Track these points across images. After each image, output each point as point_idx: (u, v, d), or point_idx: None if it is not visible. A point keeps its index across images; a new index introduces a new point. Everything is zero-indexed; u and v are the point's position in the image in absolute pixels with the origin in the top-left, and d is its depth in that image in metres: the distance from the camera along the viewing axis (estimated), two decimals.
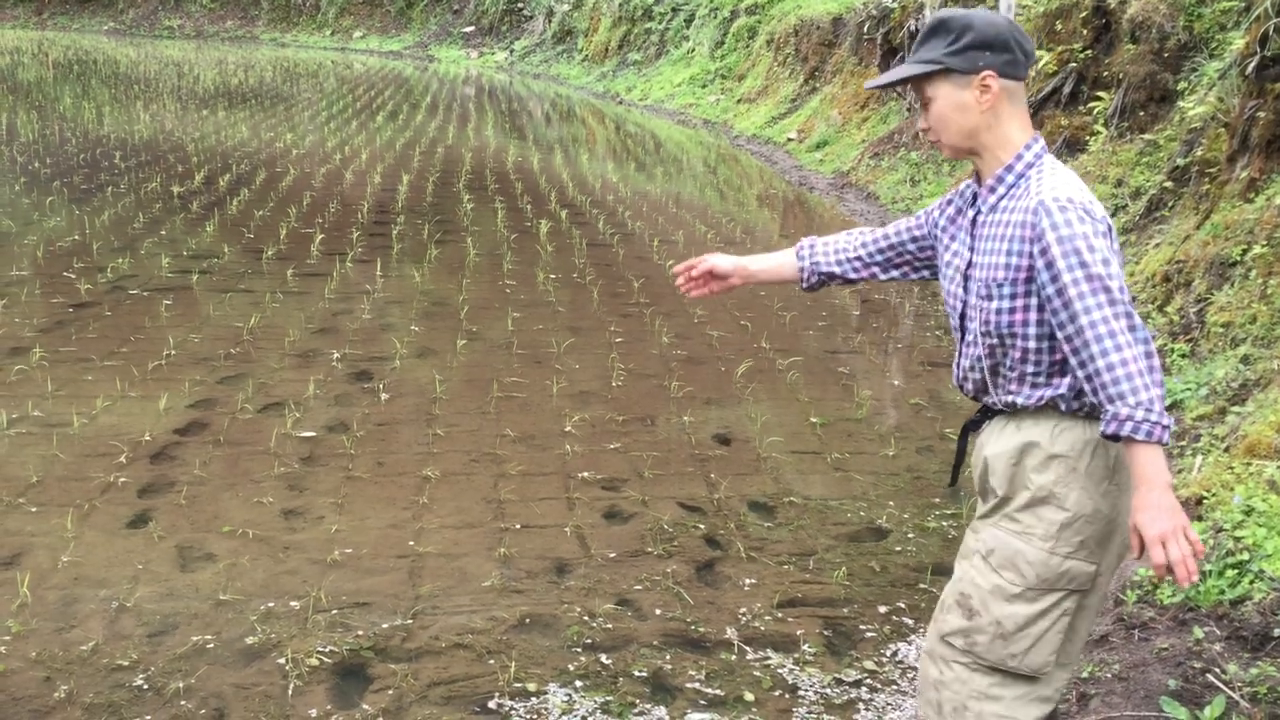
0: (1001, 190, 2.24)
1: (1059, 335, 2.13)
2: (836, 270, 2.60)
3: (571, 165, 14.08)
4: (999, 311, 2.21)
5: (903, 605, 3.80)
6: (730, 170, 14.75)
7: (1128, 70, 8.20)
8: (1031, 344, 2.20)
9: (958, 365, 2.40)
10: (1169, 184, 6.86)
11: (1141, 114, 8.02)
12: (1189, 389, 4.87)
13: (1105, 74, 8.64)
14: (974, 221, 2.30)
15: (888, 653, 3.52)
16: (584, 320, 7.10)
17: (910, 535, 4.31)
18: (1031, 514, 2.22)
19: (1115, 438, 2.05)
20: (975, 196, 2.31)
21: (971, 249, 2.30)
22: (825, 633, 3.61)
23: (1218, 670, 3.03)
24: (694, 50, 21.82)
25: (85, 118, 17.02)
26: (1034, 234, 2.13)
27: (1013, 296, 2.19)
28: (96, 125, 16.12)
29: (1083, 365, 2.09)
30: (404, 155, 14.16)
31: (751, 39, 19.76)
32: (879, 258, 2.57)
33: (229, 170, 12.46)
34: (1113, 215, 7.45)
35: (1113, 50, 8.70)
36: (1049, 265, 2.10)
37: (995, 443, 2.30)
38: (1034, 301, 2.17)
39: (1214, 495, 3.90)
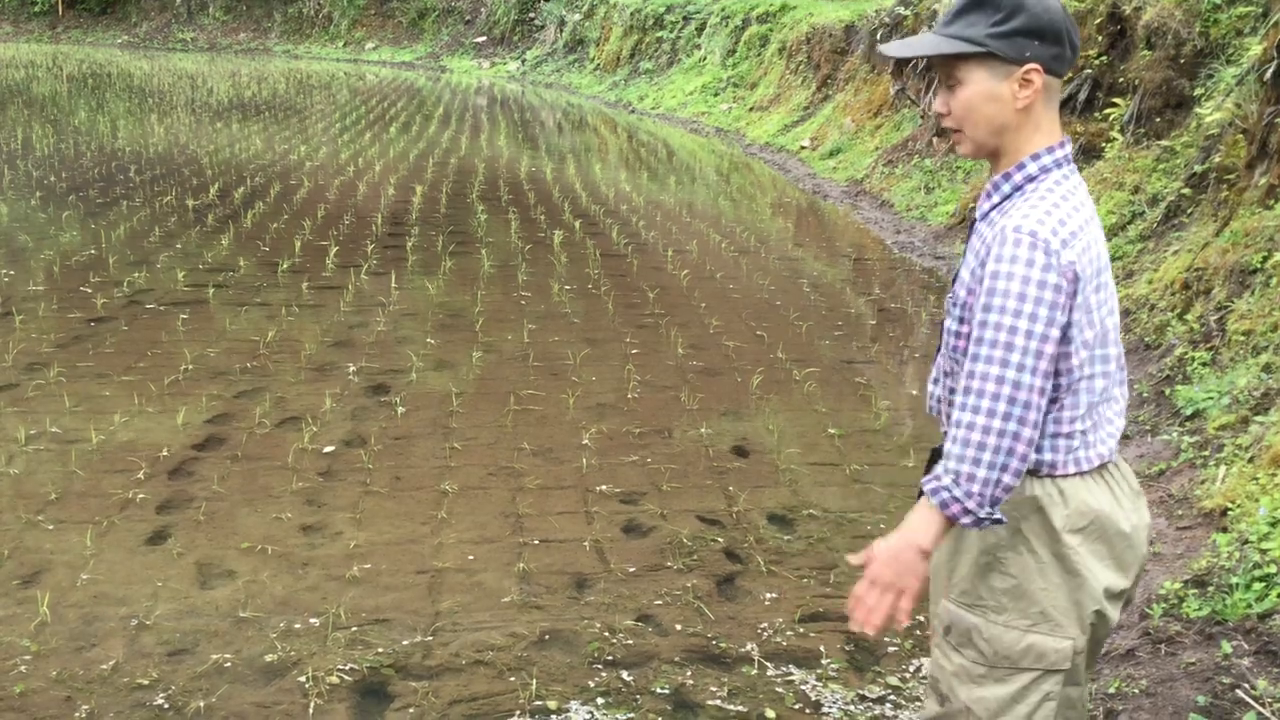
0: (996, 199, 1.99)
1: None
2: None
3: (584, 175, 14.08)
4: (953, 333, 2.00)
5: (925, 619, 3.77)
6: (743, 178, 14.73)
7: (1144, 76, 8.16)
8: None
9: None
10: (1187, 191, 6.82)
11: (1158, 120, 7.98)
12: (1211, 398, 4.83)
13: (1121, 80, 8.60)
14: (972, 227, 2.06)
15: (911, 668, 3.49)
16: (599, 331, 7.08)
17: None
18: (979, 581, 1.97)
19: (921, 492, 1.87)
20: None
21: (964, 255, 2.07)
22: (847, 648, 3.58)
23: (1247, 686, 3.00)
24: (706, 59, 21.82)
25: (100, 131, 17.09)
26: (984, 259, 1.91)
27: (961, 320, 1.98)
28: (111, 138, 16.19)
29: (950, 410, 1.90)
30: (417, 166, 14.18)
31: (763, 47, 19.75)
32: None
33: (243, 183, 12.49)
34: (1129, 222, 7.40)
35: (1128, 56, 8.66)
36: (980, 298, 1.88)
37: None
38: None
39: (1239, 506, 3.87)
